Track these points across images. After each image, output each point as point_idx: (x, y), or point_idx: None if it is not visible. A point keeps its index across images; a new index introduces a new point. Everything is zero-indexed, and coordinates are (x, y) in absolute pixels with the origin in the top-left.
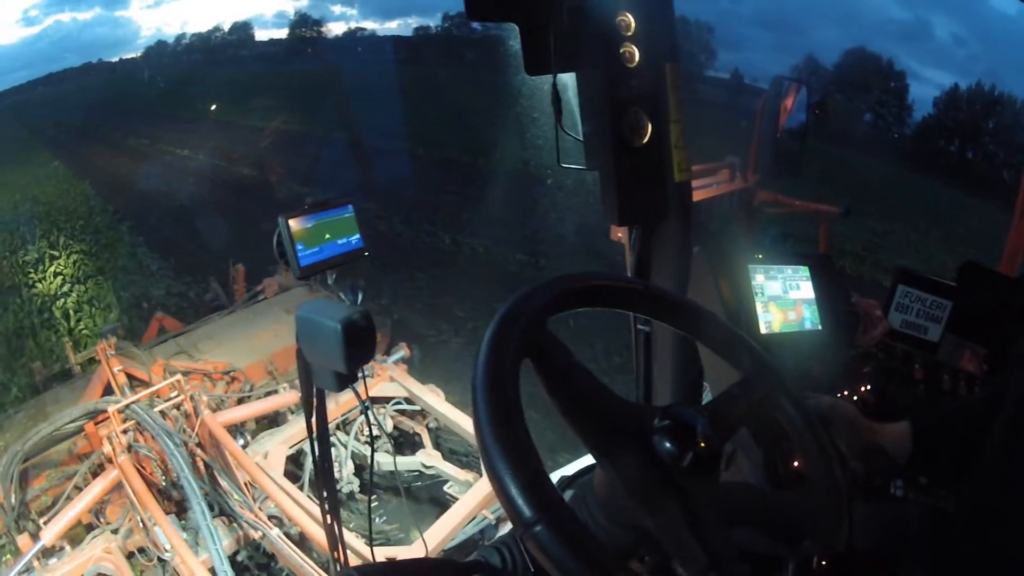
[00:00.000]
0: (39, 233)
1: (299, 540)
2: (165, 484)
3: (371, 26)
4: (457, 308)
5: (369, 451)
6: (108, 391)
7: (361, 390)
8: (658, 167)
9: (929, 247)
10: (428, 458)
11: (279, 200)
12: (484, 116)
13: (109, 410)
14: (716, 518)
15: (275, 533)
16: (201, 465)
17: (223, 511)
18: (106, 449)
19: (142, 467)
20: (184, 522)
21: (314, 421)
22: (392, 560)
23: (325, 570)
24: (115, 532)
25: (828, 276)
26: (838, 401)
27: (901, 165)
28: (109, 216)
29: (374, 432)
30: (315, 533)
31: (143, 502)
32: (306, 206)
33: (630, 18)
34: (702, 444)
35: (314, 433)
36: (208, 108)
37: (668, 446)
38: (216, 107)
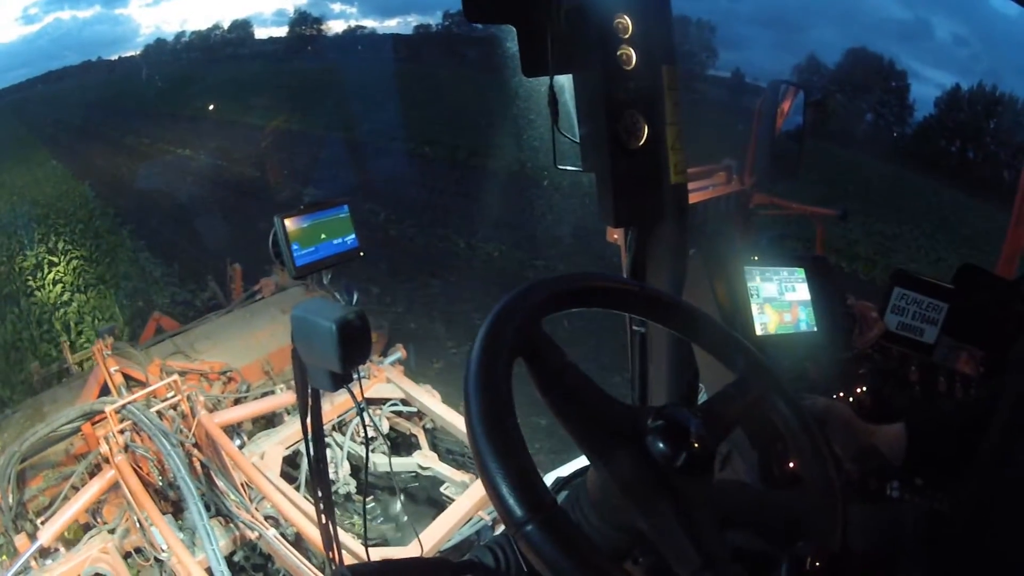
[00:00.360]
0: (37, 237)
1: (295, 541)
2: (162, 484)
3: (371, 24)
4: (476, 316)
5: (368, 448)
6: (105, 391)
7: (356, 391)
8: (654, 169)
9: (937, 250)
10: (424, 459)
11: (282, 202)
12: (491, 116)
13: (106, 410)
14: (710, 519)
15: (271, 534)
16: (198, 465)
17: (220, 511)
18: (103, 449)
19: (139, 467)
20: (181, 522)
21: (309, 422)
22: (387, 560)
23: (321, 571)
24: (112, 532)
25: (824, 278)
26: (833, 402)
27: (903, 165)
28: (110, 219)
29: (370, 433)
30: (311, 534)
31: (140, 502)
32: (302, 206)
33: (627, 20)
34: (695, 445)
35: (309, 434)
36: (209, 107)
37: (661, 446)
38: (217, 106)
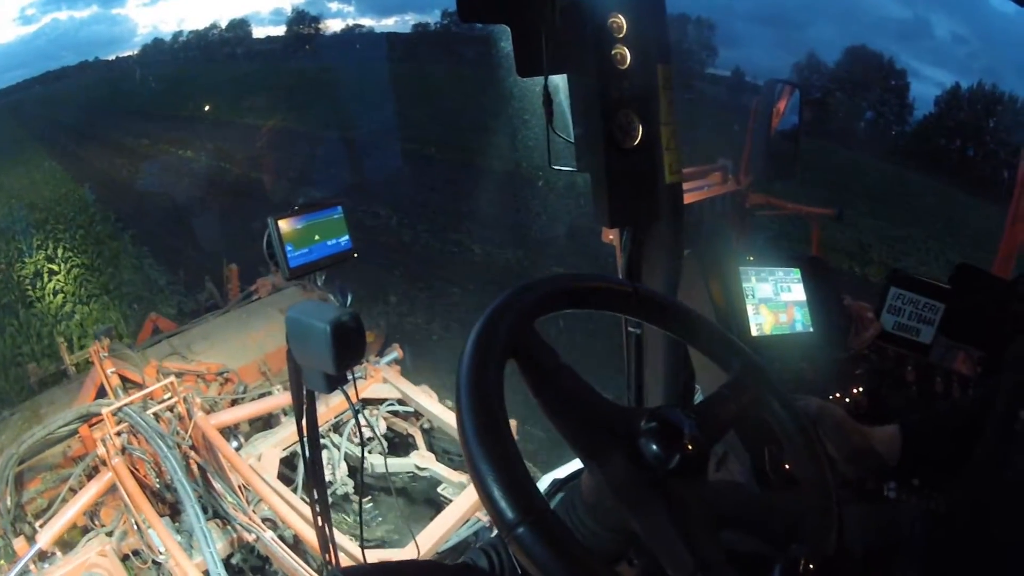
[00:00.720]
0: (36, 243)
1: (293, 543)
2: (159, 486)
3: (369, 23)
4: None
5: (364, 452)
6: (102, 393)
7: (351, 392)
8: (649, 169)
9: (946, 252)
10: (422, 460)
11: (286, 205)
12: (497, 116)
13: (103, 412)
14: (703, 521)
15: (269, 536)
16: (195, 467)
17: (217, 514)
18: (100, 451)
19: (136, 469)
20: (178, 525)
21: (304, 424)
22: (381, 563)
23: (319, 573)
24: (110, 535)
25: (820, 278)
26: (827, 403)
27: (905, 165)
28: (111, 224)
29: (367, 434)
30: (309, 536)
31: (137, 505)
32: (296, 207)
33: (622, 20)
34: (689, 447)
35: (305, 436)
36: (209, 107)
37: (654, 448)
38: (217, 106)
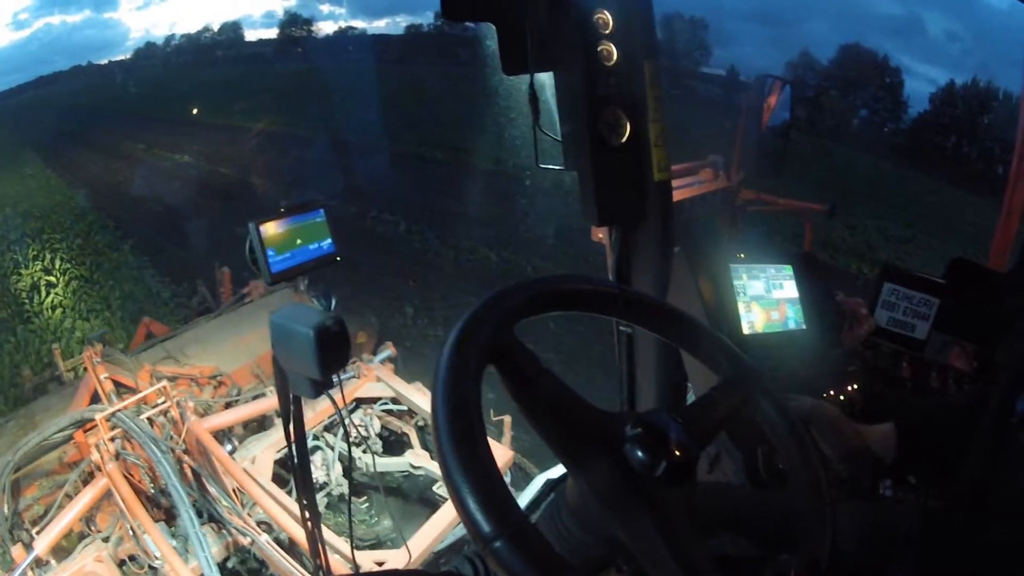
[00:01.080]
0: (32, 254)
1: (288, 546)
2: (154, 491)
3: (361, 25)
4: (528, 338)
5: (359, 452)
6: (96, 399)
7: (338, 396)
8: (637, 166)
9: (951, 252)
10: (416, 458)
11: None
12: (502, 119)
13: (96, 418)
14: (691, 529)
15: (264, 539)
16: (189, 472)
17: (212, 517)
18: (94, 457)
19: (130, 475)
20: (173, 529)
21: (292, 428)
22: (366, 573)
23: (313, 575)
24: (106, 540)
25: (812, 275)
26: (820, 402)
27: (902, 163)
28: (110, 233)
29: (360, 434)
30: (303, 538)
31: (132, 510)
32: (281, 209)
33: (608, 16)
34: (676, 453)
35: (292, 440)
36: (203, 111)
37: (640, 455)
38: (211, 110)
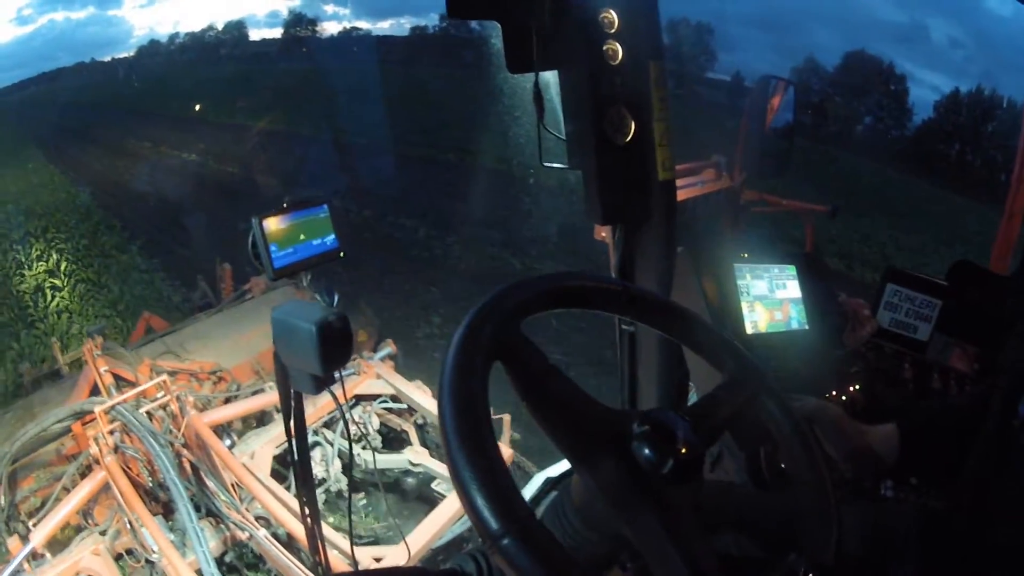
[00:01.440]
0: (35, 255)
1: (287, 541)
2: (152, 485)
3: (365, 26)
4: (552, 349)
5: (357, 449)
6: (96, 392)
7: (339, 392)
8: (642, 165)
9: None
10: (415, 455)
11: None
12: (515, 121)
13: (95, 411)
14: (697, 527)
15: (262, 534)
16: (188, 466)
17: (210, 512)
18: (93, 450)
19: (129, 468)
20: (171, 523)
21: (293, 425)
22: (367, 571)
23: (312, 571)
24: (103, 534)
25: (815, 275)
26: (824, 403)
27: (910, 171)
28: (117, 234)
29: (360, 431)
30: (302, 534)
31: (130, 504)
32: (284, 204)
33: (614, 15)
34: (683, 451)
35: (292, 437)
36: (209, 109)
37: (647, 453)
38: (216, 108)
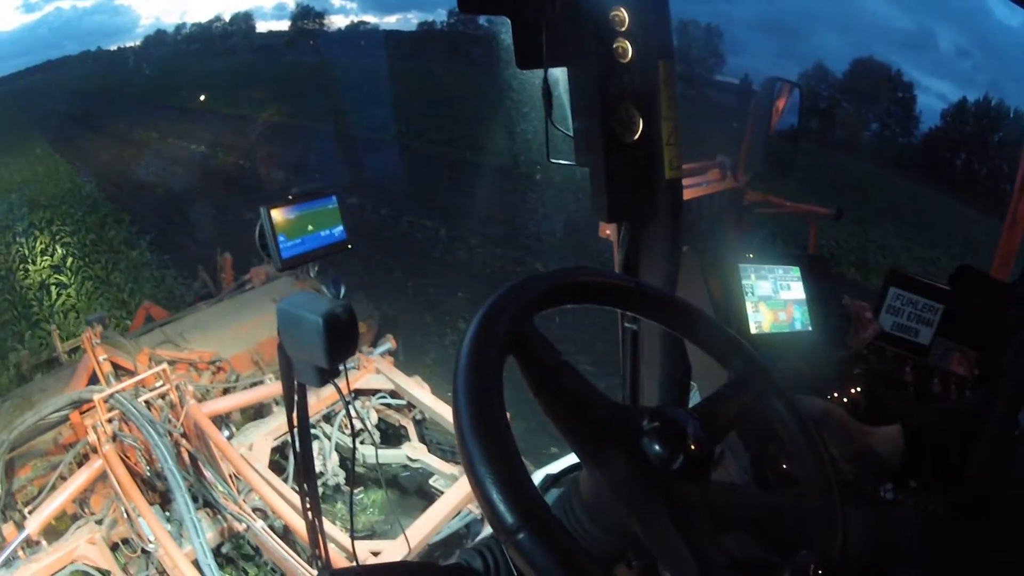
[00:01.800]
0: (39, 249)
1: (283, 533)
2: (150, 474)
3: (372, 20)
4: (580, 359)
5: (355, 443)
6: (94, 380)
7: (343, 385)
8: (649, 164)
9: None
10: (413, 451)
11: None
12: (533, 121)
13: (94, 399)
14: (707, 524)
15: (259, 525)
16: (186, 456)
17: (207, 502)
18: (91, 438)
19: (127, 457)
20: (168, 513)
21: (295, 416)
22: (371, 565)
23: (310, 564)
24: (99, 523)
25: (819, 277)
26: (829, 404)
27: (914, 178)
28: (126, 229)
29: (358, 426)
30: (299, 526)
31: (127, 493)
32: (290, 196)
33: (624, 13)
34: (693, 447)
35: (295, 429)
36: (216, 101)
37: (657, 449)
38: (224, 100)
